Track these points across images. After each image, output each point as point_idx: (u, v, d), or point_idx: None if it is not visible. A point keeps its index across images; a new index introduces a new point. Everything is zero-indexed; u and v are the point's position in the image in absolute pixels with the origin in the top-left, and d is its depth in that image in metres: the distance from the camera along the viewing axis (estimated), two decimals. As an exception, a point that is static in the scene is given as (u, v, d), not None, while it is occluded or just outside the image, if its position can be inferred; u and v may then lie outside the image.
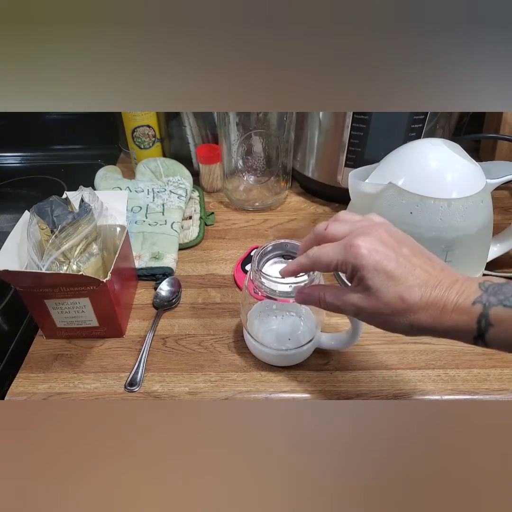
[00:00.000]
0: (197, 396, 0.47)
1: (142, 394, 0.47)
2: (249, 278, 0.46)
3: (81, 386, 0.48)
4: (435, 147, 0.50)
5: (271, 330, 0.50)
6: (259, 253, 0.45)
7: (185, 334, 0.54)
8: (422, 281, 0.32)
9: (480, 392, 0.47)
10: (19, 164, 0.96)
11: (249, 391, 0.48)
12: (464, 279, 0.32)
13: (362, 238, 0.33)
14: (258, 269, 0.43)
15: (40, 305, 0.49)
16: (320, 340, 0.50)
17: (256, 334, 0.49)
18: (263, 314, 0.51)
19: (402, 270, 0.32)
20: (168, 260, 0.63)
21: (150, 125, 0.80)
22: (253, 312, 0.50)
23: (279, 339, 0.49)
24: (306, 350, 0.49)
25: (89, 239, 0.50)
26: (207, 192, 0.82)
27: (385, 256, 0.32)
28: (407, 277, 0.32)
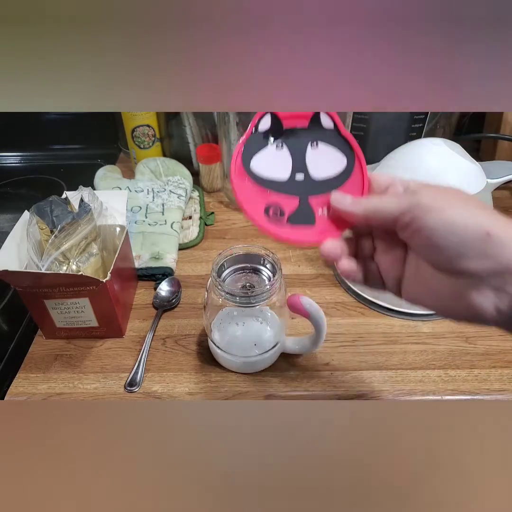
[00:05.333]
0: (197, 396, 0.47)
1: (142, 394, 0.47)
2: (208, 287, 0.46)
3: (80, 386, 0.48)
4: (436, 147, 0.50)
5: (235, 337, 0.49)
6: (219, 264, 0.45)
7: (185, 334, 0.54)
8: None
9: (480, 393, 0.47)
10: (19, 164, 0.96)
11: (249, 391, 0.47)
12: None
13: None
14: (217, 281, 0.43)
15: (40, 305, 0.49)
16: (285, 345, 0.49)
17: (220, 343, 0.48)
18: (225, 322, 0.49)
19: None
20: (168, 260, 0.63)
21: (150, 125, 0.80)
22: (216, 321, 0.49)
23: (244, 346, 0.48)
24: (271, 355, 0.48)
25: (88, 239, 0.50)
26: (207, 192, 0.81)
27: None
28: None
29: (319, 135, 0.33)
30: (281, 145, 0.32)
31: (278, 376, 0.49)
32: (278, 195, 0.32)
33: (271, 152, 0.32)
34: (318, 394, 0.47)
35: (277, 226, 0.31)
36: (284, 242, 0.31)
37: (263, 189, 0.32)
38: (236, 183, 0.32)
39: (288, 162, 0.32)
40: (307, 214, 0.32)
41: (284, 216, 0.32)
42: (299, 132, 0.33)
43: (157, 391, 0.48)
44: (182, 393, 0.47)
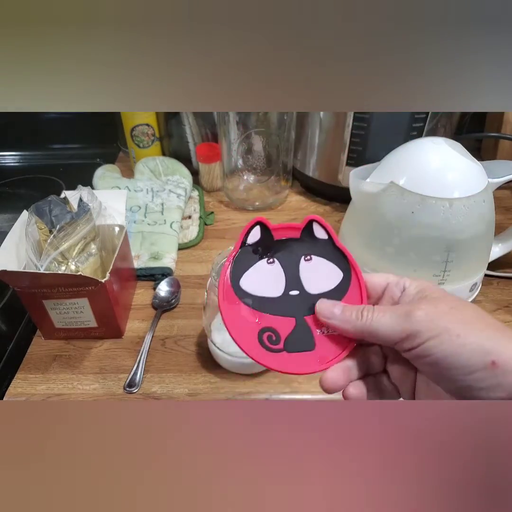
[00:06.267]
0: (197, 397, 0.47)
1: (141, 395, 0.47)
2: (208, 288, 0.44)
3: (79, 387, 0.48)
4: (437, 146, 0.50)
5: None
6: (218, 264, 0.43)
7: (185, 335, 0.54)
8: None
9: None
10: (18, 164, 0.96)
11: (249, 392, 0.47)
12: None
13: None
14: (217, 281, 0.39)
15: (39, 306, 0.49)
16: None
17: (220, 343, 0.48)
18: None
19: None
20: (167, 260, 0.62)
21: (149, 124, 0.80)
22: (216, 321, 0.48)
23: None
24: None
25: (87, 239, 0.49)
26: (207, 191, 0.81)
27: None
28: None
29: (312, 247, 0.30)
30: (273, 260, 0.30)
31: (279, 377, 0.49)
32: (272, 317, 0.29)
33: (262, 267, 0.30)
34: (318, 395, 0.47)
35: (273, 357, 0.28)
36: (283, 374, 0.28)
37: (255, 311, 0.29)
38: (225, 307, 0.28)
39: (281, 278, 0.30)
40: (305, 337, 0.29)
41: (280, 341, 0.28)
42: (291, 244, 0.31)
43: (156, 392, 0.47)
44: (181, 394, 0.47)
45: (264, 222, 0.31)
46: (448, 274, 0.51)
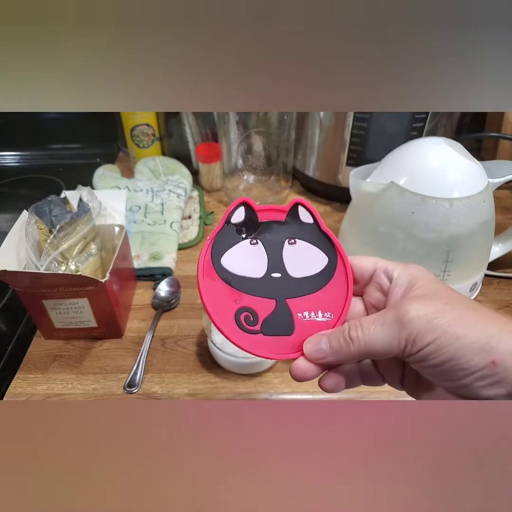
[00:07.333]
0: (197, 397, 0.47)
1: (141, 395, 0.47)
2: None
3: (79, 387, 0.48)
4: (437, 146, 0.50)
5: None
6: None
7: (185, 335, 0.54)
8: None
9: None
10: (17, 164, 0.96)
11: (249, 392, 0.47)
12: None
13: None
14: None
15: (38, 306, 0.49)
16: None
17: (220, 343, 0.48)
18: None
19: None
20: (167, 260, 0.62)
21: (149, 124, 0.80)
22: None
23: None
24: None
25: (87, 239, 0.49)
26: (207, 191, 0.81)
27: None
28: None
29: (297, 230, 0.30)
30: (256, 241, 0.29)
31: (279, 377, 0.49)
32: (252, 298, 0.28)
33: (244, 247, 0.29)
34: (319, 395, 0.47)
35: (248, 337, 0.27)
36: (256, 356, 0.27)
37: (235, 290, 0.28)
38: (203, 283, 0.27)
39: (263, 259, 0.29)
40: (284, 321, 0.28)
41: (258, 323, 0.28)
42: (275, 227, 0.29)
43: (156, 392, 0.47)
44: (181, 394, 0.47)
45: (249, 203, 0.29)
46: (448, 274, 0.51)
